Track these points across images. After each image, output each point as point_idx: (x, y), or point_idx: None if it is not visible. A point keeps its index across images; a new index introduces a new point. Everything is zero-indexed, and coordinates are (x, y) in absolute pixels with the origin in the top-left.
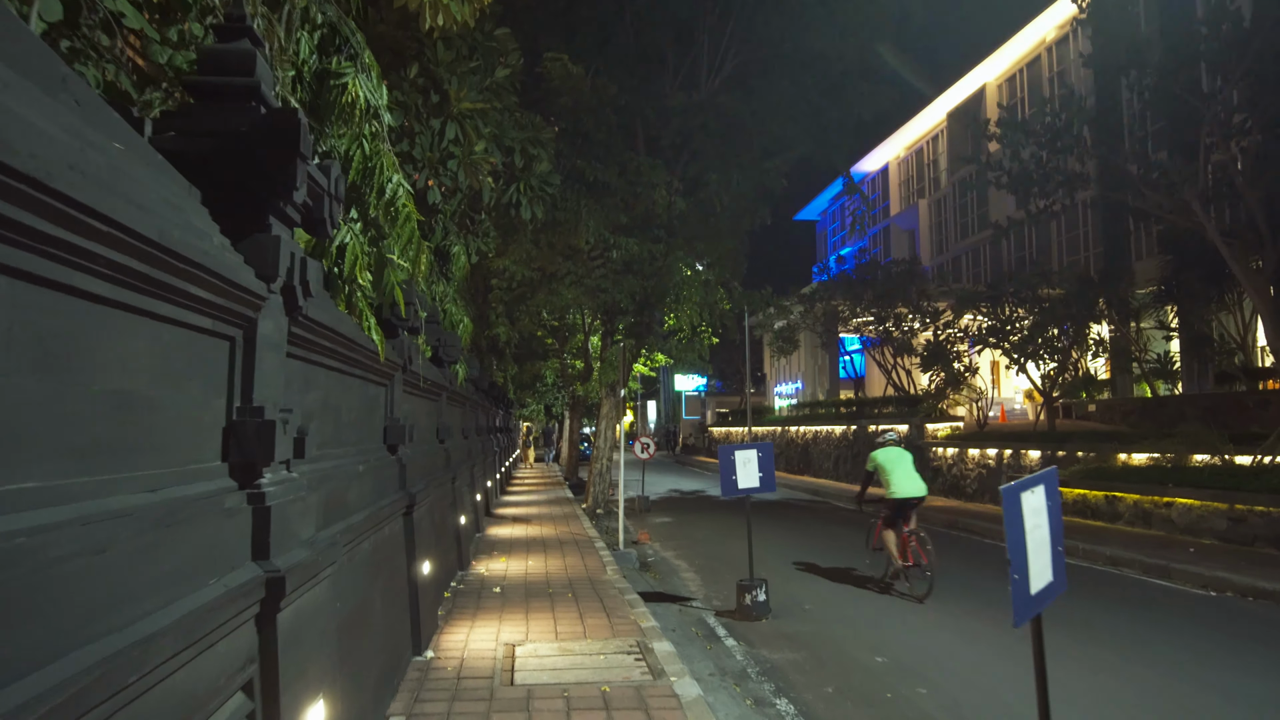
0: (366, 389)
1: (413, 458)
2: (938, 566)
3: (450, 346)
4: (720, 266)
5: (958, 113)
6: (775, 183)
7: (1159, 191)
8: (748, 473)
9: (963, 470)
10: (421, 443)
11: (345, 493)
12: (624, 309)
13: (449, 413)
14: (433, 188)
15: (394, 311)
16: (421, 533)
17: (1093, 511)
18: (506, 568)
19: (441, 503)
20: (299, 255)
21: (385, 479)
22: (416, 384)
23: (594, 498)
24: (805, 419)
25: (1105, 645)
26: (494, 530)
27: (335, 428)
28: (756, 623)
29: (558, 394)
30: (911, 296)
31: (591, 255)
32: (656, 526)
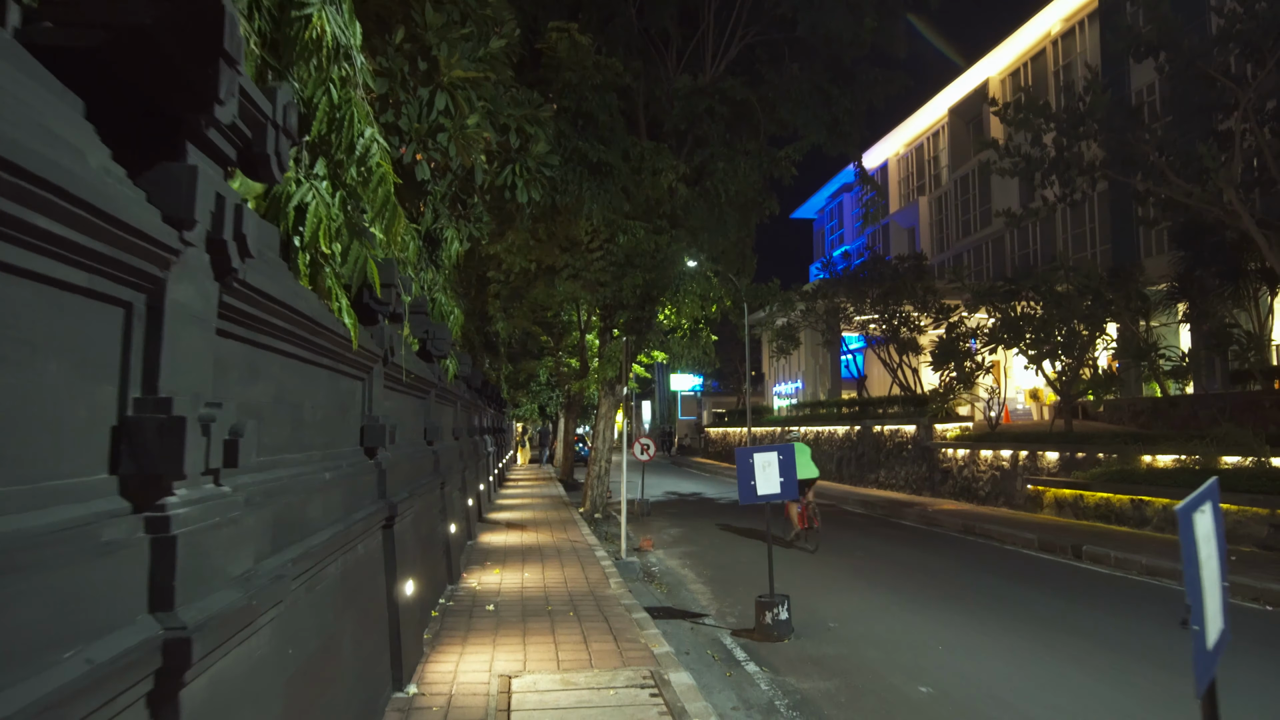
0: (338, 383)
1: (395, 462)
2: (822, 531)
3: (440, 339)
4: (726, 260)
5: (960, 109)
6: (785, 172)
7: (1189, 179)
8: (768, 478)
9: (975, 472)
10: (407, 445)
11: (305, 508)
12: (625, 303)
13: (438, 412)
14: (421, 162)
15: (372, 294)
16: (405, 548)
17: (1117, 516)
18: (501, 581)
19: (429, 511)
20: (232, 201)
21: (360, 488)
22: (399, 379)
23: (592, 501)
24: (806, 419)
25: (1181, 672)
26: (487, 537)
27: (294, 428)
28: (779, 644)
29: (552, 393)
30: (917, 293)
31: (590, 247)
32: (659, 532)
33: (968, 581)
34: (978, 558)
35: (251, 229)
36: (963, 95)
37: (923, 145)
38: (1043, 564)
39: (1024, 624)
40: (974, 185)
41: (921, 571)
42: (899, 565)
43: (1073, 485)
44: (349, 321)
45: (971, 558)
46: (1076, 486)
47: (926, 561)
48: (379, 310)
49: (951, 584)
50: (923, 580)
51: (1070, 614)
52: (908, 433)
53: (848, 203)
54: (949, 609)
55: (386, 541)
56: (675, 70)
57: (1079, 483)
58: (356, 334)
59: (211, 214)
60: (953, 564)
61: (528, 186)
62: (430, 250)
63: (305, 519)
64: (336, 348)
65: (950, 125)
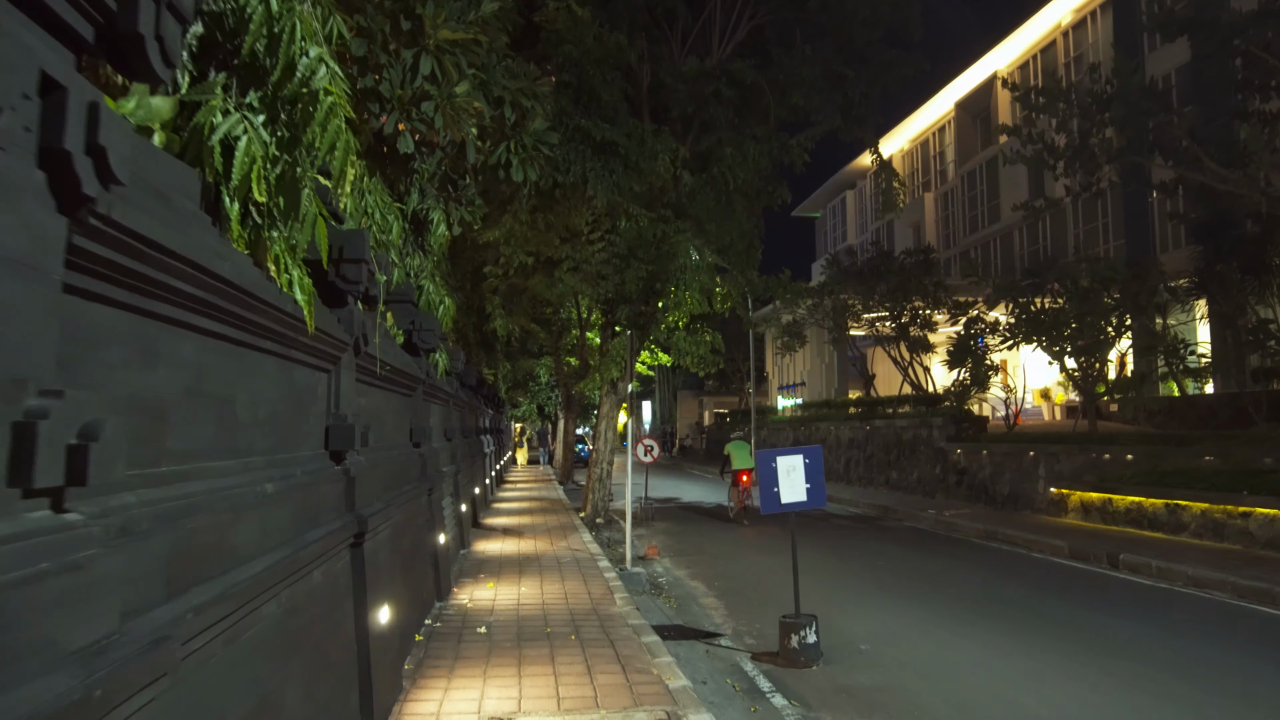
0: (292, 375)
1: (369, 468)
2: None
3: (428, 331)
4: (733, 252)
5: (966, 103)
6: (797, 158)
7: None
8: (792, 483)
9: (992, 474)
10: (387, 448)
11: (230, 531)
12: (628, 297)
13: (426, 411)
14: (404, 133)
15: (339, 271)
16: (379, 568)
17: (1150, 522)
18: (495, 596)
19: (414, 522)
20: (81, 95)
21: (321, 500)
22: (375, 371)
23: (593, 505)
24: (811, 419)
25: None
26: (482, 545)
27: (221, 428)
28: (806, 670)
29: (551, 393)
30: (927, 288)
31: (591, 238)
32: (663, 538)
33: (1003, 595)
34: (1007, 567)
35: (119, 143)
36: (970, 89)
37: (928, 141)
38: (1078, 574)
39: (1076, 646)
40: (981, 180)
41: (951, 582)
42: (925, 575)
43: (1100, 488)
44: (301, 298)
45: (1000, 566)
46: (1104, 490)
47: (953, 571)
48: (348, 290)
49: (986, 597)
50: (954, 593)
51: (1124, 633)
52: (920, 433)
53: (851, 200)
54: (990, 628)
55: (355, 562)
56: (681, 52)
57: (1107, 486)
58: (313, 314)
59: (41, 107)
60: (982, 574)
61: (524, 165)
62: (416, 234)
63: (229, 546)
64: (285, 330)
65: (957, 120)
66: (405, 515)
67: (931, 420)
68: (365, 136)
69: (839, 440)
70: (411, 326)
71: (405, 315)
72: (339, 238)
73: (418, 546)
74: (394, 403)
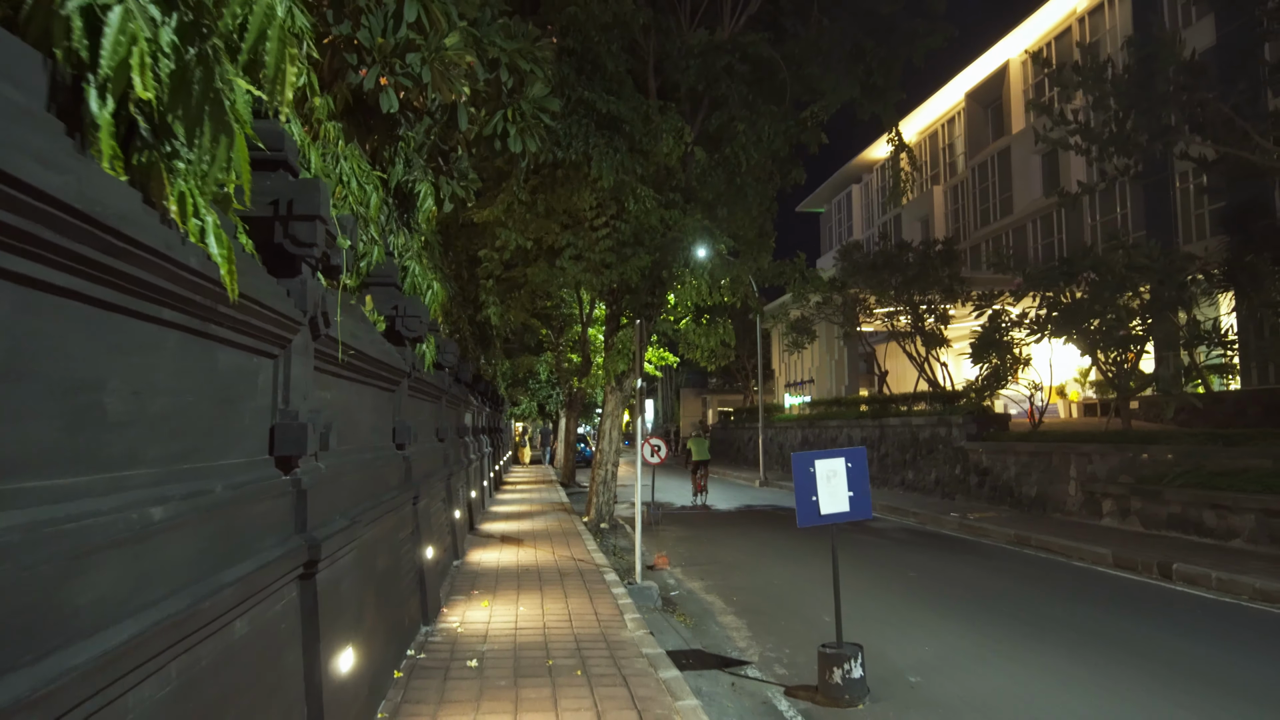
0: (212, 357)
1: (330, 477)
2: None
3: (413, 317)
4: (745, 239)
5: (977, 93)
6: (813, 137)
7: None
8: (832, 491)
9: (1016, 474)
10: (362, 450)
11: (62, 585)
12: (632, 287)
13: (412, 408)
14: (386, 89)
15: (289, 234)
16: (341, 601)
17: (1197, 528)
18: (490, 618)
19: (394, 536)
20: None
21: (250, 522)
22: (337, 358)
23: (597, 510)
24: (820, 418)
25: None
26: (477, 555)
27: (66, 427)
28: (851, 710)
29: (552, 391)
30: (944, 281)
31: (594, 224)
32: (673, 544)
33: (1053, 611)
34: (1049, 578)
35: None
36: (980, 79)
37: (937, 133)
38: (1129, 587)
39: (1157, 676)
40: (993, 172)
41: (993, 596)
42: (964, 588)
43: (1139, 491)
44: (218, 253)
45: (1042, 578)
46: (1143, 492)
47: (992, 583)
48: (300, 255)
49: (1036, 614)
50: (1001, 609)
51: (1205, 659)
52: (938, 431)
53: (856, 194)
54: (1053, 653)
55: (306, 599)
56: (690, 25)
57: (1147, 488)
58: (236, 276)
59: None
60: (1024, 586)
61: (522, 135)
62: (402, 210)
63: (66, 609)
64: (194, 295)
65: (967, 111)
66: (383, 530)
67: (951, 418)
68: (342, 95)
69: (850, 440)
70: (395, 312)
71: (387, 299)
72: (288, 189)
73: (398, 565)
74: (371, 399)
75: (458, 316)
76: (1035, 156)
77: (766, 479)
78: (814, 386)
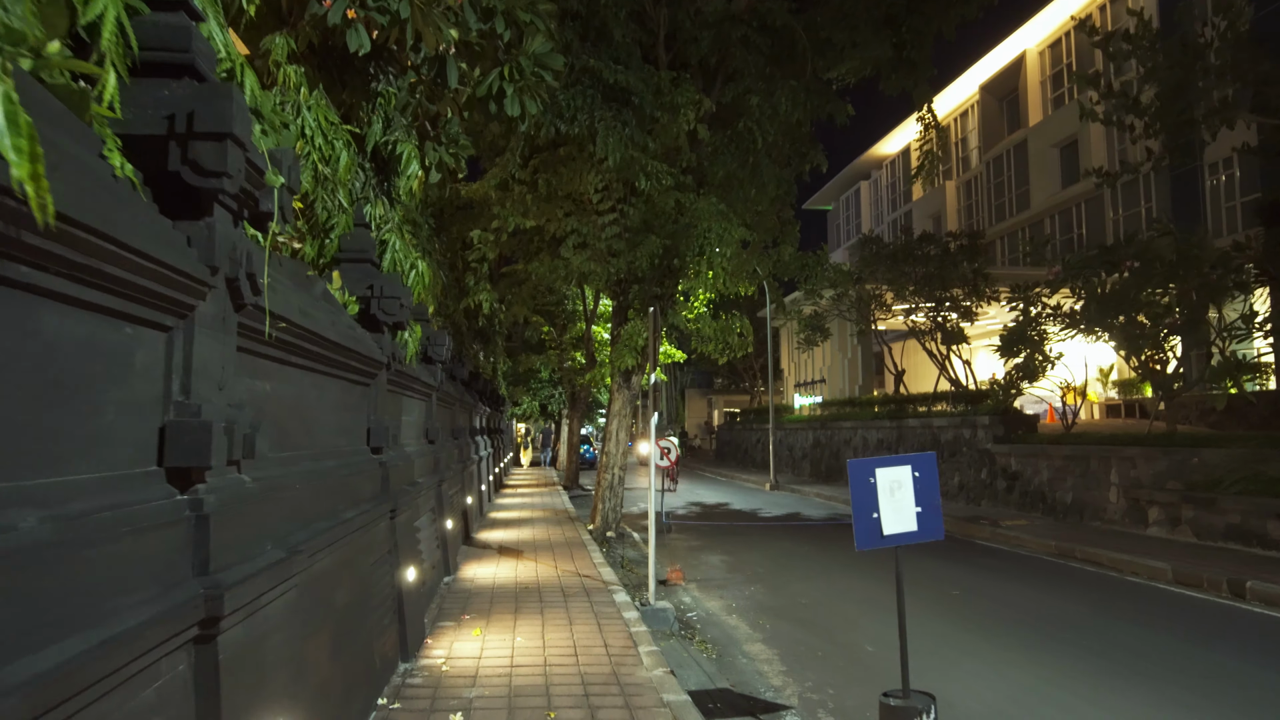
0: (21, 317)
1: (258, 494)
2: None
3: (392, 299)
4: (762, 225)
5: (992, 85)
6: (839, 108)
7: None
8: (897, 506)
9: (1049, 479)
10: (320, 457)
11: None
12: (640, 277)
13: (391, 406)
14: (356, 25)
15: (190, 155)
16: (260, 669)
17: (1260, 540)
18: (482, 651)
19: (359, 564)
20: None
21: (87, 573)
22: (276, 339)
23: (603, 517)
24: (833, 419)
25: None
26: (472, 569)
27: None
28: None
29: (555, 390)
30: (968, 276)
31: (599, 209)
32: (685, 555)
33: (1127, 640)
34: (1107, 597)
35: None
36: (996, 70)
37: (949, 127)
38: (1202, 608)
39: None
40: (1009, 166)
41: (1052, 620)
42: (1017, 610)
43: (1191, 498)
44: (6, 143)
45: (1099, 596)
46: (1197, 500)
47: (1046, 604)
48: (207, 189)
49: (1108, 643)
50: (1066, 638)
51: None
52: (961, 433)
53: (865, 191)
54: (1145, 697)
55: (202, 672)
56: None
57: (1199, 495)
58: (42, 182)
59: None
60: (1084, 608)
61: (521, 95)
62: (381, 176)
63: None
64: None
65: (982, 104)
66: (346, 554)
67: (975, 419)
68: (305, 35)
69: (865, 442)
70: (370, 293)
71: (361, 278)
72: (187, 98)
73: (367, 596)
74: (337, 394)
75: (453, 310)
76: (1054, 149)
77: (777, 482)
78: (825, 386)
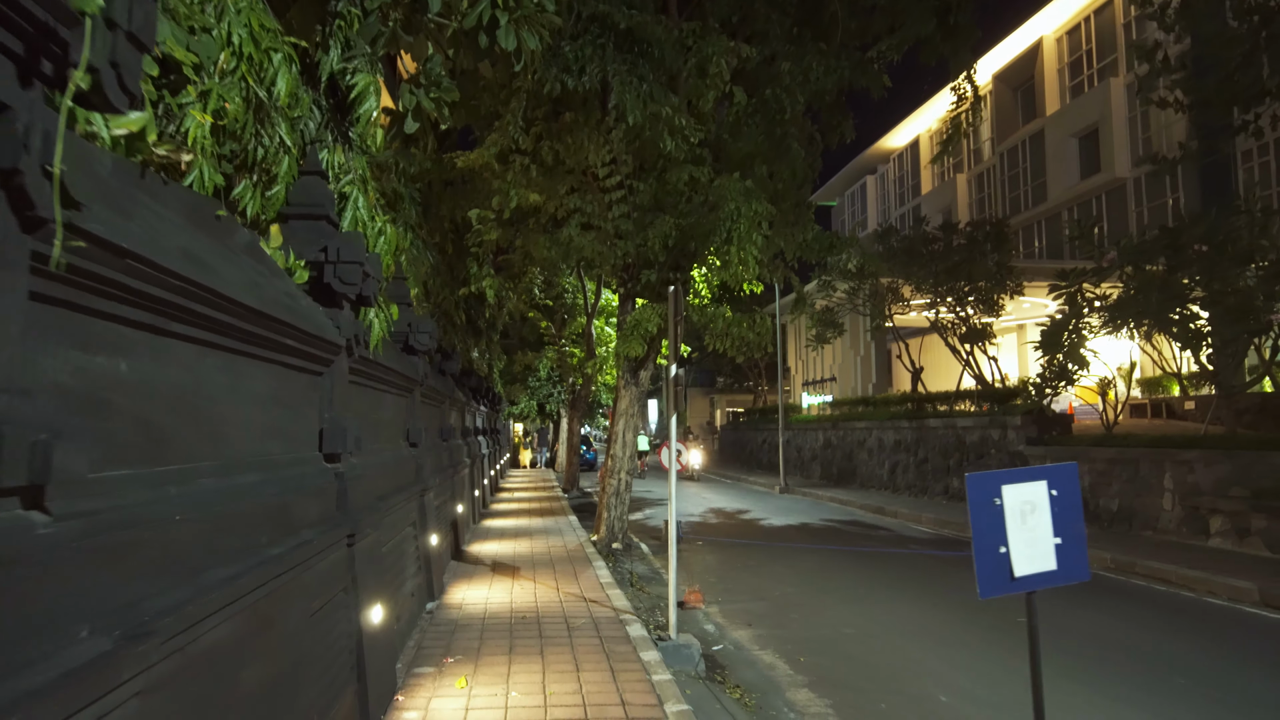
0: None
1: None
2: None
3: (351, 264)
4: (785, 204)
5: (1007, 74)
6: (875, 80)
7: None
8: (1031, 537)
9: (1095, 485)
10: (222, 469)
11: None
12: (652, 261)
13: (355, 402)
14: None
15: None
16: None
17: None
18: (466, 712)
19: (286, 620)
20: None
21: None
22: (95, 284)
23: (608, 527)
24: (844, 419)
25: None
26: (461, 592)
27: None
28: None
29: (553, 390)
30: (992, 268)
31: (606, 185)
32: (706, 575)
33: (1254, 687)
34: (1198, 624)
35: None
36: (1010, 59)
37: (960, 119)
38: None
39: None
40: (1024, 158)
41: (1151, 658)
42: (1101, 644)
43: (1263, 507)
44: None
45: (1189, 624)
46: (1270, 510)
47: (1132, 636)
48: None
49: (1230, 689)
50: (1176, 684)
51: None
52: (989, 434)
53: (871, 185)
54: None
55: None
56: None
57: (1272, 504)
58: None
59: None
60: (1180, 641)
61: (516, 27)
62: (339, 116)
63: None
64: None
65: (996, 93)
66: (262, 614)
67: (1005, 419)
68: None
69: (881, 443)
70: (324, 257)
71: (313, 238)
72: None
73: (301, 656)
74: (267, 383)
75: (445, 298)
76: (1072, 139)
77: (788, 485)
78: (835, 385)
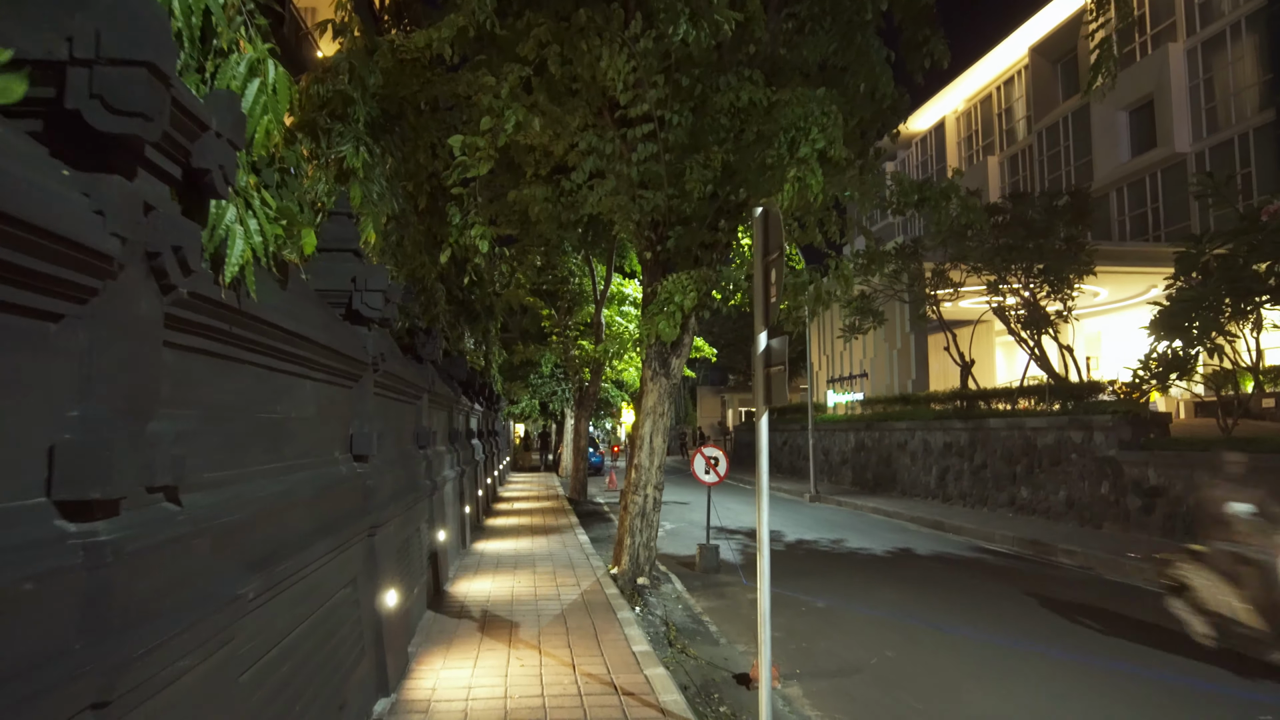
0: None
1: None
2: None
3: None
4: (851, 135)
5: (1044, 47)
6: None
7: None
8: None
9: (1201, 500)
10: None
11: None
12: (686, 216)
13: (294, 400)
14: None
15: None
16: None
17: None
18: None
19: None
20: None
21: None
22: None
23: (631, 556)
24: (879, 419)
25: None
26: (430, 677)
27: None
28: None
29: (557, 387)
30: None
31: (630, 117)
32: (751, 621)
33: None
34: None
35: None
36: (1049, 30)
37: (990, 97)
38: None
39: None
40: (1066, 136)
41: None
42: None
43: None
44: None
45: None
46: None
47: None
48: None
49: None
50: None
51: None
52: (1069, 436)
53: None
54: None
55: None
56: None
57: None
58: None
59: None
60: None
61: None
62: None
63: None
64: None
65: (1033, 67)
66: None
67: (1091, 419)
68: None
69: (927, 446)
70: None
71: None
72: None
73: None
74: None
75: (420, 263)
76: (1122, 114)
77: (818, 493)
78: (867, 382)
